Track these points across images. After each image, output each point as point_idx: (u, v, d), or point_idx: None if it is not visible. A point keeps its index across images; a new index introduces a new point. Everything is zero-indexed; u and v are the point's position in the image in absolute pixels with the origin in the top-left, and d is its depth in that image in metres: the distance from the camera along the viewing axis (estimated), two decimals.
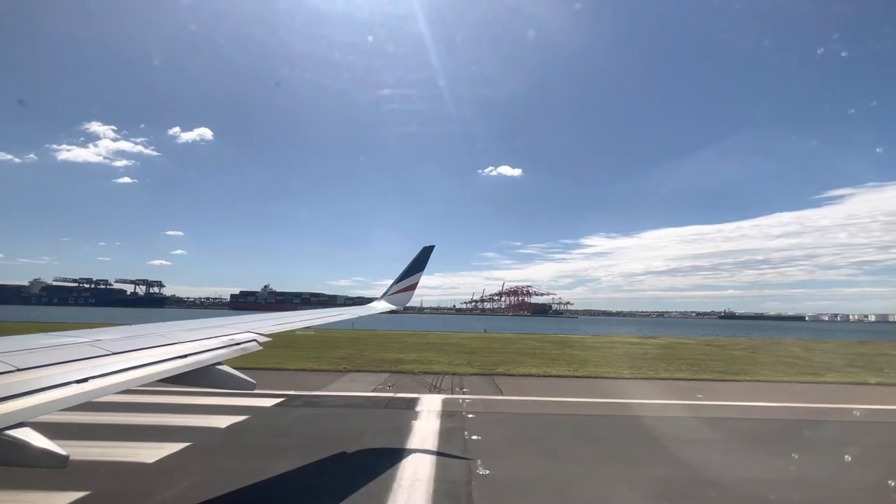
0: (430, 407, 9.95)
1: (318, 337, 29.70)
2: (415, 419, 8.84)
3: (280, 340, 25.74)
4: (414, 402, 10.54)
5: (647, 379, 14.95)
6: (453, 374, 14.94)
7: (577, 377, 14.90)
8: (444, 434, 7.82)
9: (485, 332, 44.99)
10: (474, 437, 7.60)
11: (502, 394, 11.77)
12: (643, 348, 27.98)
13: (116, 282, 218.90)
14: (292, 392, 11.27)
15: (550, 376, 14.96)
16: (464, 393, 11.66)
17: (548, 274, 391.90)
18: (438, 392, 11.72)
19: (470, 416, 9.11)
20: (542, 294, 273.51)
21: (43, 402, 1.99)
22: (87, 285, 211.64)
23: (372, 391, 11.79)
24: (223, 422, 8.35)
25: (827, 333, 74.51)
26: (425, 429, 8.13)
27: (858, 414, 10.23)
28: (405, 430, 8.08)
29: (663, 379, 15.01)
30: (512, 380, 13.93)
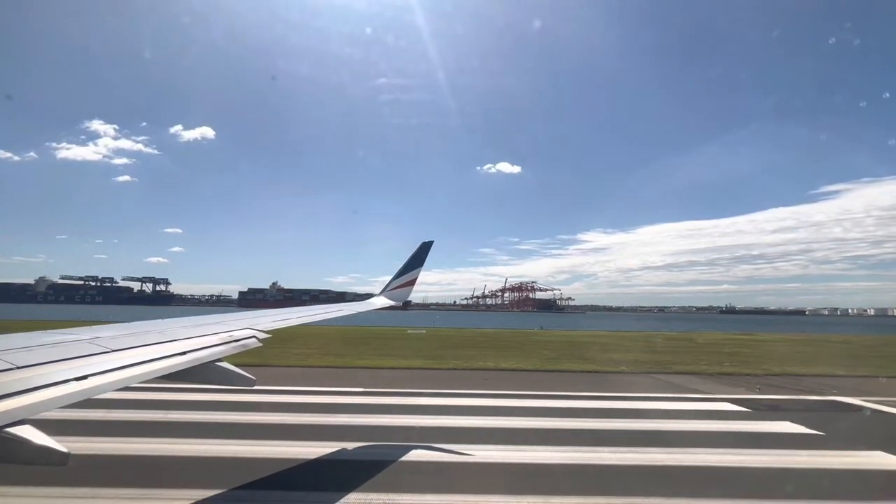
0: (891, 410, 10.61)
1: (439, 335, 29.94)
2: None
3: (427, 341, 25.73)
4: (840, 405, 11.25)
5: None
6: (728, 374, 15.90)
7: (869, 377, 15.80)
8: None
9: (541, 328, 47.30)
10: None
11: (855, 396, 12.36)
12: (796, 345, 28.92)
13: (123, 280, 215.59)
14: (660, 395, 11.89)
15: (854, 377, 15.77)
16: (840, 395, 12.32)
17: (544, 270, 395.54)
18: (811, 394, 12.41)
19: None
20: (545, 290, 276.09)
21: (42, 400, 1.99)
22: (93, 283, 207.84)
23: (748, 393, 12.40)
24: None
25: (837, 327, 75.93)
26: None
27: None
28: None
29: None
30: (808, 381, 14.68)
